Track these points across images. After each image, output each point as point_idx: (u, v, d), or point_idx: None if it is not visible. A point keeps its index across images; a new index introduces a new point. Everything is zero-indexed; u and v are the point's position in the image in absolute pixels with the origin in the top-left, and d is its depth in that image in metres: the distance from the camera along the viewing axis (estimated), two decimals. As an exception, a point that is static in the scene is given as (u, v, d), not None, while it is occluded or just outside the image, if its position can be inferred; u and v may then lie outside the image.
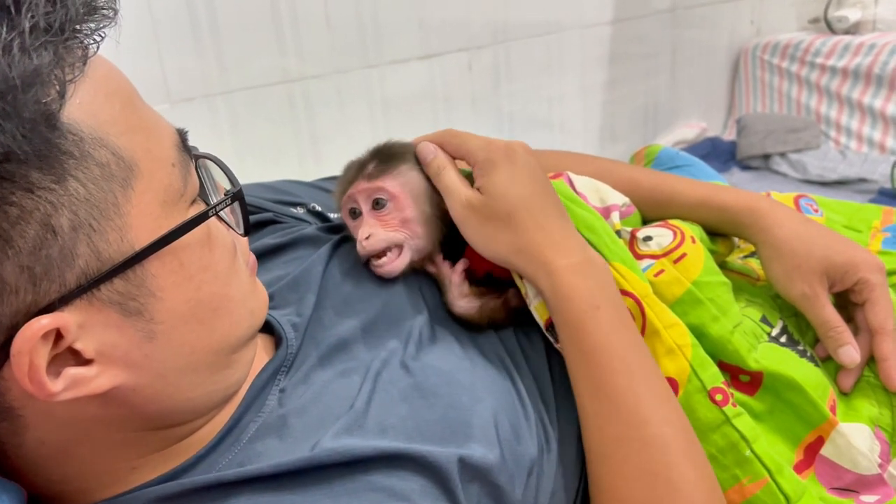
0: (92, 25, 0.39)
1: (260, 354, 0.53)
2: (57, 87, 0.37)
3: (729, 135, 1.77)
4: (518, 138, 0.62)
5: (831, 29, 1.64)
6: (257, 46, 1.11)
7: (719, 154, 1.63)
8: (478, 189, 0.57)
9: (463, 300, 0.59)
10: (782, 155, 1.54)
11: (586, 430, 0.53)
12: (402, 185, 0.60)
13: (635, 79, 1.62)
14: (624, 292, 0.59)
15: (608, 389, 0.52)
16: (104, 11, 0.39)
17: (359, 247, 0.60)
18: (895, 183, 1.31)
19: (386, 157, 0.61)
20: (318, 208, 0.73)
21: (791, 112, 1.68)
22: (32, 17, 0.35)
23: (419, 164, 0.62)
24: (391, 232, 0.60)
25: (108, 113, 0.39)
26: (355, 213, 0.62)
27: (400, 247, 0.60)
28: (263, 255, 0.65)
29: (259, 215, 0.69)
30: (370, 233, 0.59)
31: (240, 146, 1.14)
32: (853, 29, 1.61)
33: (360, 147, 0.64)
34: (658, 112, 1.69)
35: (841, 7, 1.63)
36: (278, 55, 1.14)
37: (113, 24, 0.40)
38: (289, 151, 1.20)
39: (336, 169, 0.65)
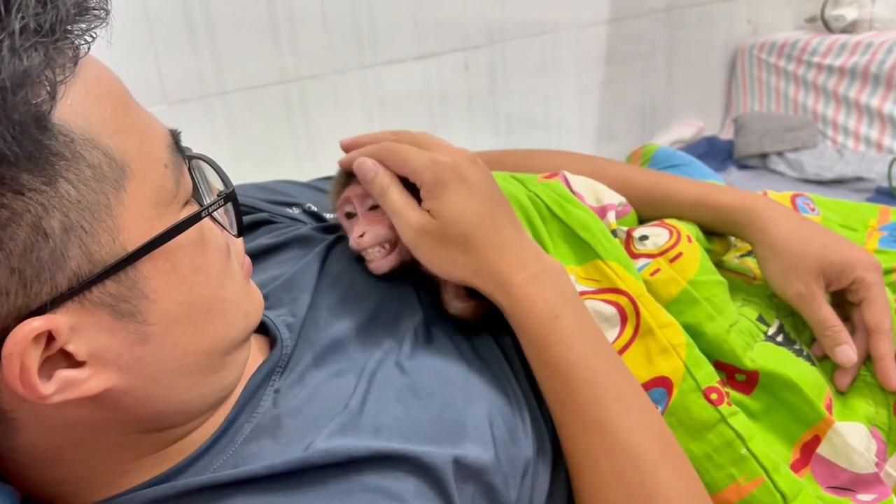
0: (83, 26, 0.39)
1: (254, 355, 0.53)
2: (47, 89, 0.36)
3: (726, 134, 1.76)
4: (515, 138, 0.61)
5: (828, 28, 1.64)
6: (253, 47, 1.11)
7: (716, 153, 1.62)
8: (427, 211, 0.55)
9: (458, 300, 0.59)
10: (779, 154, 1.54)
11: (560, 439, 0.53)
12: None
13: (632, 78, 1.61)
14: (619, 291, 0.58)
15: (574, 400, 0.52)
16: (95, 12, 0.39)
17: (352, 242, 0.60)
18: (892, 181, 1.31)
19: (381, 158, 0.61)
20: (314, 208, 0.73)
21: (788, 111, 1.68)
22: (23, 17, 0.35)
23: None
24: (386, 231, 0.60)
25: (100, 114, 0.39)
26: (351, 215, 0.62)
27: (393, 243, 0.60)
28: (258, 256, 0.64)
29: (254, 215, 0.69)
30: (364, 231, 0.60)
31: (237, 147, 1.14)
32: (850, 28, 1.61)
33: (356, 147, 0.64)
34: (655, 111, 1.69)
35: (838, 6, 1.63)
36: (275, 55, 1.14)
37: (105, 24, 0.40)
38: (286, 152, 1.20)
39: (333, 169, 0.65)
